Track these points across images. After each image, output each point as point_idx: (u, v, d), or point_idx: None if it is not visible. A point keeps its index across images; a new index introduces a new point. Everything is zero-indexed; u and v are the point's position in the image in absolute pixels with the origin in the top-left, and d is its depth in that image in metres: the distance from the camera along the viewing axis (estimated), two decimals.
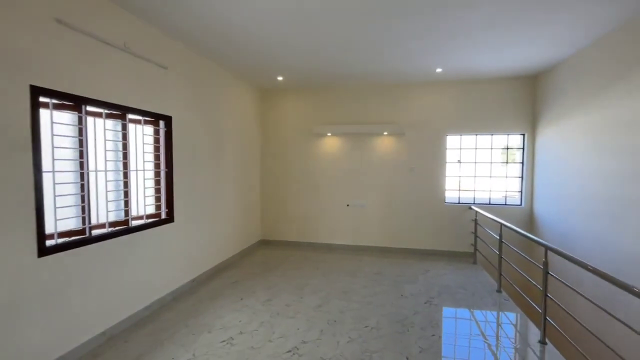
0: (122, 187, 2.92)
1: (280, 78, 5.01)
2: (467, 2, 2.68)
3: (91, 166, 2.58)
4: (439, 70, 4.53)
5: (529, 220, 5.01)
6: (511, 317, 3.21)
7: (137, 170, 3.06)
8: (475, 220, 4.83)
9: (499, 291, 3.74)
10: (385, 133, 5.30)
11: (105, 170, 2.73)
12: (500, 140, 5.23)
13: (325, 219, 5.69)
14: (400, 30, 3.22)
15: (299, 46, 3.66)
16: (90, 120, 2.58)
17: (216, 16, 2.95)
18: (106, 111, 2.71)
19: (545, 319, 2.66)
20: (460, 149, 5.29)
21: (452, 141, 5.29)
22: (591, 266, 2.20)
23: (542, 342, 2.66)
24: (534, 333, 2.83)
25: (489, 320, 3.18)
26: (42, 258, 2.17)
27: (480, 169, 5.27)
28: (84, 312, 2.48)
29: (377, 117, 5.39)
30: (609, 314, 2.12)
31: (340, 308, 3.29)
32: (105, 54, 2.63)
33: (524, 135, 5.04)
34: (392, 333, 2.81)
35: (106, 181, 2.73)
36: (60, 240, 2.35)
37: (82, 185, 2.50)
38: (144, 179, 3.15)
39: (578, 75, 3.93)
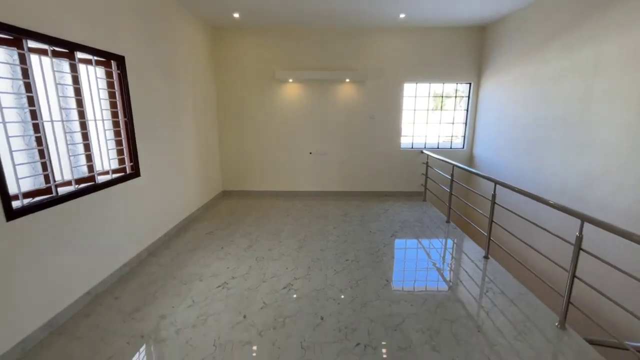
0: (81, 139, 2.59)
1: (236, 15, 4.54)
2: None
3: (45, 115, 2.21)
4: (402, 15, 4.56)
5: (470, 160, 5.74)
6: (459, 241, 3.86)
7: (95, 120, 2.70)
8: (427, 163, 5.38)
9: (447, 222, 4.40)
10: (347, 80, 5.32)
11: (62, 120, 2.36)
12: (450, 88, 5.65)
13: (288, 167, 5.77)
14: None
15: None
16: (34, 59, 2.15)
17: None
18: (52, 48, 2.26)
19: (490, 239, 3.29)
20: (415, 97, 5.62)
21: (408, 89, 5.56)
22: (518, 189, 2.72)
23: (486, 257, 3.31)
24: (479, 251, 3.49)
25: (443, 244, 3.79)
26: (10, 222, 1.93)
27: (431, 116, 5.72)
28: (63, 273, 2.32)
29: (340, 64, 5.33)
30: (538, 225, 2.72)
31: (320, 247, 3.58)
32: None
33: (470, 84, 5.52)
34: (370, 263, 3.21)
35: (65, 133, 2.38)
36: (27, 201, 2.08)
37: (39, 138, 2.17)
38: (104, 129, 2.81)
39: (518, 31, 4.36)
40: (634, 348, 1.83)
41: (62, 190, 2.36)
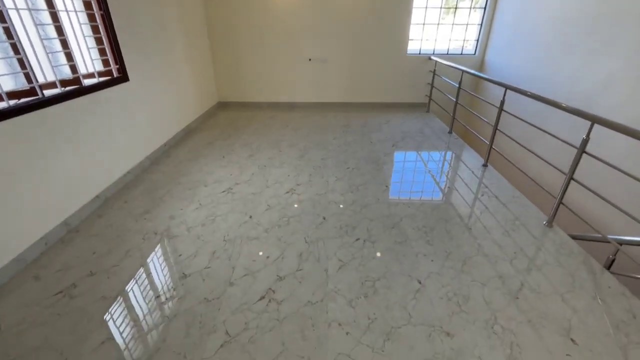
0: (55, 34, 2.32)
1: None
2: None
3: (7, 2, 1.93)
4: None
5: (479, 67, 5.38)
6: (460, 150, 3.86)
7: (67, 10, 2.37)
8: (434, 70, 5.04)
9: (450, 132, 4.34)
10: None
11: (29, 9, 2.07)
12: None
13: (286, 77, 5.41)
14: None
15: None
16: None
17: None
18: None
19: (491, 147, 3.28)
20: None
21: None
22: (530, 92, 2.60)
23: (485, 165, 3.36)
24: (479, 160, 3.52)
25: (444, 154, 3.81)
26: (2, 123, 1.85)
27: (444, 18, 5.12)
28: (69, 177, 2.35)
29: None
30: (543, 130, 2.68)
31: (321, 156, 3.60)
32: None
33: None
34: (370, 171, 3.26)
35: (35, 25, 2.12)
36: (13, 102, 1.96)
37: (7, 30, 1.93)
38: (80, 23, 2.50)
39: None
40: (614, 240, 1.98)
41: (47, 93, 2.22)
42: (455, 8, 5.09)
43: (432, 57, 5.10)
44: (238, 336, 1.53)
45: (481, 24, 5.12)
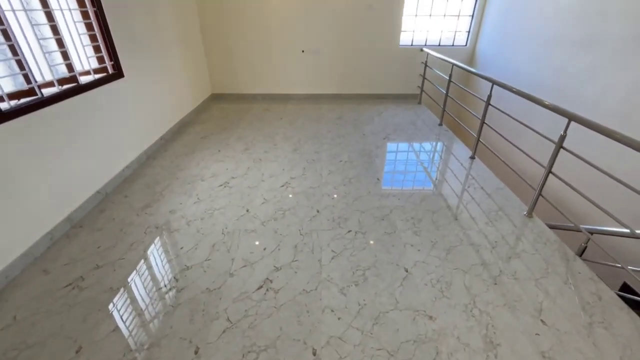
0: (51, 33, 2.35)
1: None
2: None
3: (3, 4, 1.96)
4: None
5: (471, 59, 5.46)
6: (449, 143, 3.98)
7: (61, 9, 2.40)
8: (425, 62, 5.11)
9: (440, 124, 4.45)
10: None
11: (25, 10, 2.10)
12: None
13: (280, 68, 5.44)
14: None
15: None
16: None
17: None
18: None
19: (479, 140, 3.40)
20: None
21: None
22: (515, 89, 2.71)
23: (472, 158, 3.50)
24: (467, 152, 3.65)
25: (433, 145, 3.93)
26: (3, 124, 1.92)
27: (436, 8, 5.16)
28: (70, 174, 2.43)
29: None
30: (526, 125, 2.80)
31: (314, 149, 3.69)
32: None
33: None
34: (362, 163, 3.38)
35: (32, 26, 2.15)
36: (14, 103, 2.02)
37: (5, 32, 1.97)
38: (74, 21, 2.53)
39: None
40: (586, 230, 2.14)
41: (46, 92, 2.27)
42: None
43: (424, 49, 5.15)
44: (239, 322, 1.66)
45: (472, 15, 5.18)
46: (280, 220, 2.48)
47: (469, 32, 5.30)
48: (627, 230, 1.83)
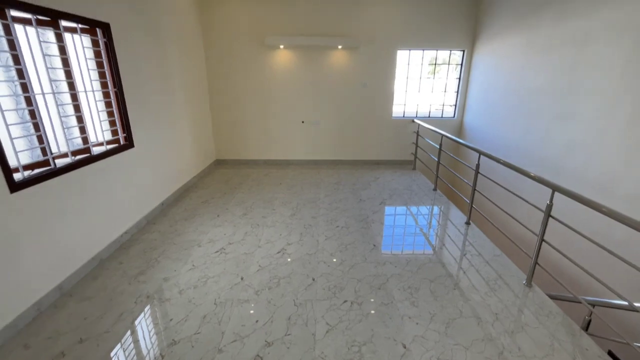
0: (73, 111, 2.60)
1: None
2: None
3: (36, 88, 2.22)
4: None
5: (459, 130, 5.84)
6: (444, 208, 4.07)
7: (85, 91, 2.69)
8: (417, 132, 5.46)
9: (434, 190, 4.58)
10: (340, 47, 5.22)
11: (53, 93, 2.37)
12: (444, 55, 5.59)
13: (281, 136, 5.80)
14: None
15: None
16: (19, 30, 2.11)
17: None
18: (35, 17, 2.21)
19: (472, 206, 3.48)
20: (408, 64, 5.56)
21: (401, 56, 5.49)
22: (500, 159, 2.87)
23: (467, 223, 3.54)
24: (462, 218, 3.71)
25: (428, 211, 4.00)
26: (14, 194, 2.02)
27: (423, 85, 5.70)
28: (68, 241, 2.46)
29: (332, 30, 5.19)
30: (515, 194, 2.90)
31: (312, 214, 3.76)
32: None
33: (464, 51, 5.45)
34: (359, 229, 3.41)
35: (57, 105, 2.40)
36: (27, 173, 2.15)
37: (32, 112, 2.19)
38: (95, 100, 2.81)
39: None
40: (586, 302, 2.09)
41: (59, 162, 2.42)
42: (434, 77, 5.69)
43: (415, 120, 5.55)
44: None
45: (457, 92, 5.69)
46: (275, 290, 2.42)
47: (455, 105, 5.77)
48: (626, 303, 1.79)
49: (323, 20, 5.15)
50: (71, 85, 2.57)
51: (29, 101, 2.17)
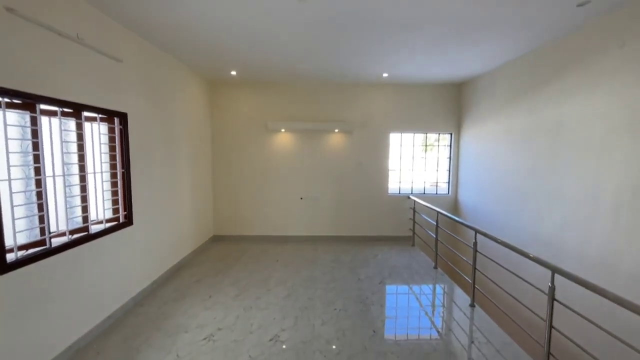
0: (79, 191, 2.71)
1: (233, 73, 4.95)
2: (411, 26, 3.11)
3: (47, 171, 2.36)
4: (385, 75, 5.01)
5: (454, 206, 5.94)
6: (447, 288, 3.90)
7: (94, 172, 2.85)
8: (414, 208, 5.55)
9: (435, 268, 4.46)
10: (336, 130, 5.66)
11: (64, 175, 2.51)
12: (433, 137, 6.02)
13: (280, 212, 5.88)
14: (355, 44, 3.54)
15: (256, 50, 3.73)
16: (44, 120, 2.34)
17: (171, 10, 2.86)
18: (61, 109, 2.47)
19: (475, 287, 3.35)
20: (401, 145, 5.95)
21: (394, 138, 5.91)
22: (496, 238, 2.86)
23: (472, 306, 3.35)
24: (465, 299, 3.53)
25: (430, 291, 3.82)
26: (3, 276, 1.98)
27: (416, 163, 6.02)
28: (47, 327, 2.31)
29: (329, 115, 5.71)
30: (517, 275, 2.82)
31: (308, 295, 3.59)
32: (58, 47, 2.39)
33: (451, 134, 5.90)
34: (357, 312, 3.22)
35: (64, 186, 2.51)
36: (21, 254, 2.14)
37: (39, 193, 2.29)
38: (102, 181, 2.95)
39: (489, 89, 4.81)
40: None
41: (56, 241, 2.43)
42: (425, 158, 6.03)
43: (411, 197, 5.70)
44: None
45: (449, 170, 5.97)
46: None
47: (448, 182, 5.99)
48: None
49: (320, 107, 5.70)
50: (82, 168, 2.73)
51: (38, 183, 2.29)
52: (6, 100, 2.05)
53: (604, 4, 2.70)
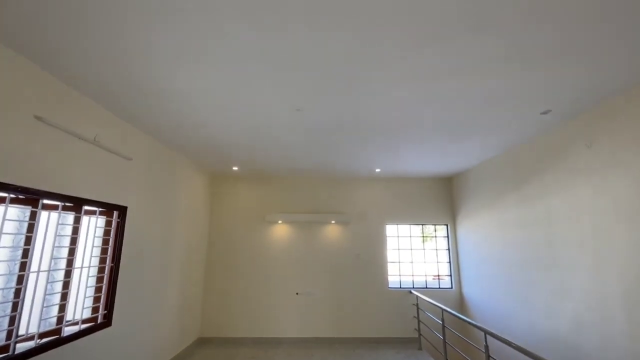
0: (61, 288, 2.58)
1: (235, 168, 5.27)
2: (394, 130, 3.48)
3: (33, 266, 2.29)
4: (377, 170, 5.34)
5: (460, 301, 5.57)
6: None
7: (82, 267, 2.76)
8: (417, 304, 5.19)
9: None
10: (333, 222, 5.72)
11: (49, 270, 2.43)
12: (430, 229, 6.05)
13: (274, 310, 5.46)
14: (349, 145, 3.92)
15: (259, 150, 4.08)
16: (43, 214, 2.40)
17: (185, 115, 3.21)
18: (63, 204, 2.55)
19: None
20: (398, 237, 5.93)
21: (390, 230, 5.93)
22: (511, 342, 2.59)
23: None
24: None
25: None
26: None
27: (415, 255, 5.89)
28: None
29: (326, 207, 5.85)
30: None
31: None
32: (75, 149, 2.61)
33: (447, 225, 5.94)
34: None
35: (47, 282, 2.40)
36: None
37: (18, 290, 2.18)
38: (88, 276, 2.83)
39: (479, 182, 5.07)
40: None
41: (21, 347, 2.19)
42: (424, 249, 5.93)
43: (413, 291, 5.39)
44: None
45: (449, 262, 5.80)
46: None
47: (450, 276, 5.75)
48: None
49: (317, 199, 5.88)
50: (69, 262, 2.65)
51: (20, 279, 2.20)
52: (11, 196, 2.13)
53: (566, 111, 3.07)
